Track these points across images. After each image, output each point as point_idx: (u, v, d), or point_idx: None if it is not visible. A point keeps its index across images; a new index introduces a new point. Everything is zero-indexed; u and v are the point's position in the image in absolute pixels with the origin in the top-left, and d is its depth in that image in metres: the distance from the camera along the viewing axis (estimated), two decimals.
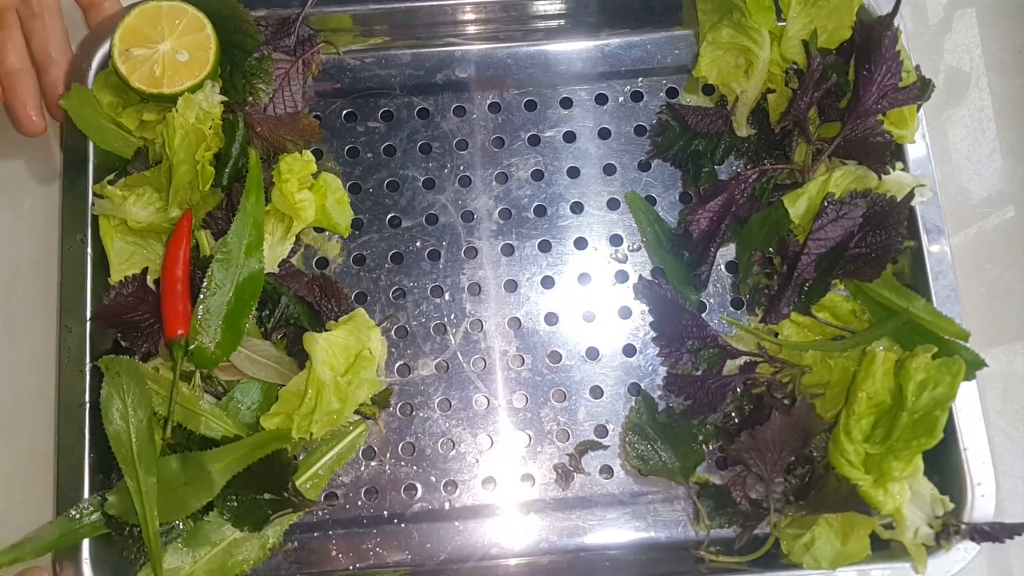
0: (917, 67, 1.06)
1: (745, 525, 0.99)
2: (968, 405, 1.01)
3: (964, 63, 1.18)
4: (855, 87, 1.03)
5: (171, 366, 0.99)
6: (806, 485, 0.98)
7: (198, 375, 1.00)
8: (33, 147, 1.16)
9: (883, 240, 0.99)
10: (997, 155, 1.16)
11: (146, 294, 1.02)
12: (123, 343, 1.02)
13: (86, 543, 0.96)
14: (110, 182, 1.05)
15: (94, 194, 1.05)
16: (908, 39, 1.08)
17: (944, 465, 1.00)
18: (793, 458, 0.98)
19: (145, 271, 1.03)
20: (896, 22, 1.03)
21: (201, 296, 0.98)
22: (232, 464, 0.94)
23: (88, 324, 1.02)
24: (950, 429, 1.00)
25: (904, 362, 0.95)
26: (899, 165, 1.06)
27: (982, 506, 0.98)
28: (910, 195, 1.00)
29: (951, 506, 0.96)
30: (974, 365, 0.97)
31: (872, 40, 1.02)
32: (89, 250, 1.05)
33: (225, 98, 1.06)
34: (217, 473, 0.94)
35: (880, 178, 1.02)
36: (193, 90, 1.05)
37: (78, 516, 0.96)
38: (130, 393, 0.96)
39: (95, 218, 1.05)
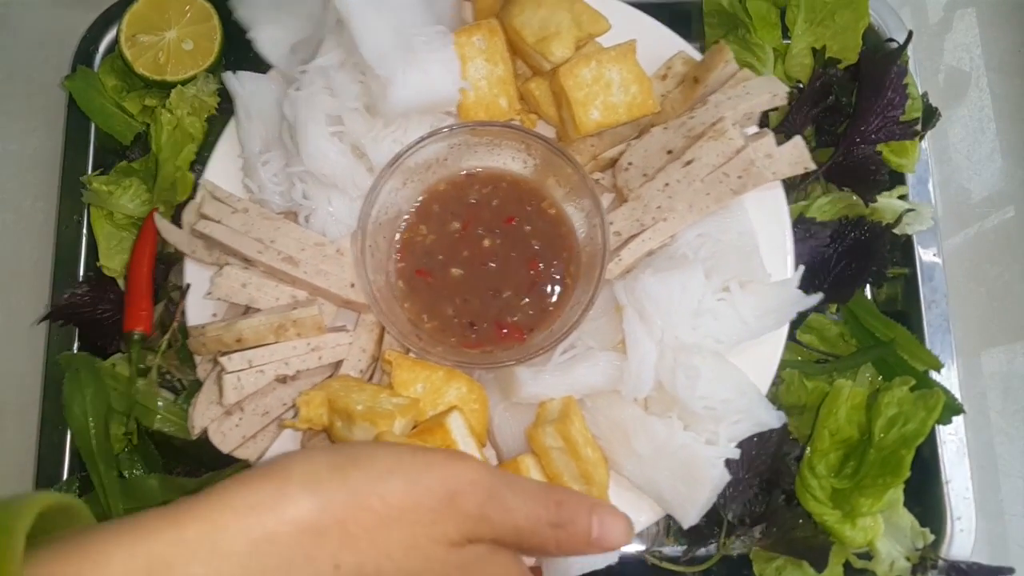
0: (924, 94, 1.06)
1: (692, 542, 0.98)
2: (952, 438, 0.99)
3: (964, 63, 1.18)
4: (854, 112, 1.03)
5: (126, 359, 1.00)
6: (763, 513, 0.96)
7: (155, 371, 1.00)
8: (34, 149, 1.17)
9: (863, 265, 0.99)
10: (997, 155, 1.16)
11: (106, 292, 1.03)
12: (96, 341, 1.03)
13: None
14: (103, 172, 1.06)
15: (85, 184, 1.06)
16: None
17: (925, 497, 0.98)
18: (758, 481, 0.96)
19: (100, 269, 1.04)
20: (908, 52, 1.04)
21: None
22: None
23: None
24: (933, 461, 0.99)
25: (877, 395, 0.94)
26: (901, 190, 1.05)
27: (961, 541, 0.97)
28: (894, 223, 1.01)
29: (931, 538, 0.95)
30: (951, 409, 0.95)
31: (878, 70, 1.02)
32: (84, 242, 1.06)
33: (219, 85, 1.07)
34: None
35: (867, 206, 1.02)
36: (194, 79, 1.06)
37: None
38: (88, 389, 0.97)
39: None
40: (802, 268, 0.91)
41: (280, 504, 0.51)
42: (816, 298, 0.89)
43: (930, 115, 1.04)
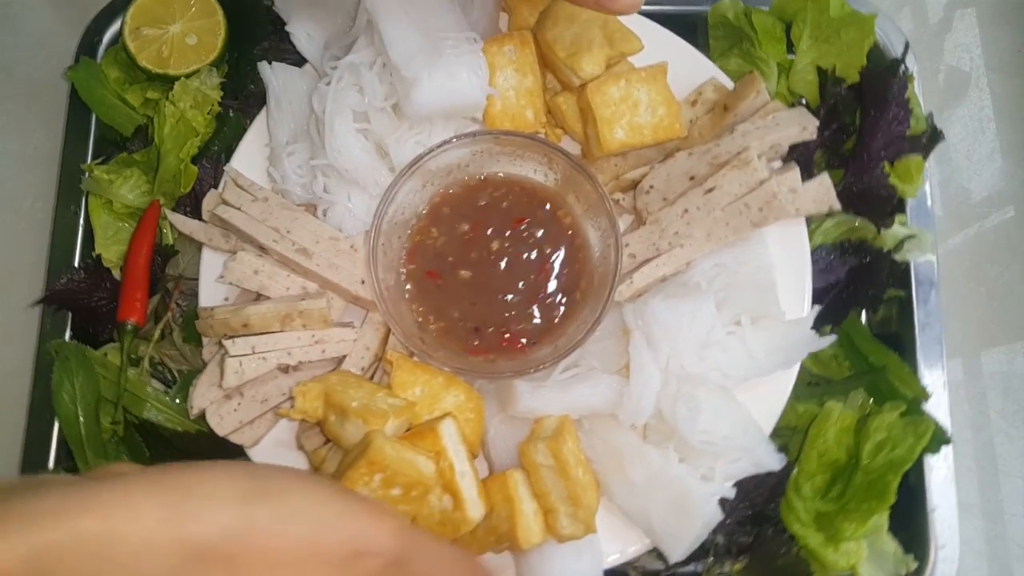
0: (929, 115, 1.05)
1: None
2: (940, 465, 0.98)
3: (964, 63, 1.18)
4: (860, 133, 1.02)
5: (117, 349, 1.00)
6: (750, 544, 0.96)
7: (146, 361, 1.00)
8: (34, 148, 1.17)
9: (860, 289, 0.99)
10: (997, 155, 1.15)
11: (103, 280, 1.03)
12: (89, 328, 1.02)
13: None
14: (103, 162, 1.06)
15: (84, 171, 1.06)
16: (909, 42, 1.08)
17: (911, 523, 0.97)
18: (751, 512, 0.95)
19: (99, 258, 1.04)
20: (909, 65, 1.03)
21: None
22: None
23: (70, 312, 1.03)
24: (920, 488, 0.98)
25: (867, 419, 0.93)
26: (901, 219, 1.03)
27: (944, 570, 0.95)
28: (895, 249, 1.00)
29: (914, 566, 0.94)
30: (940, 439, 0.94)
31: (879, 85, 1.01)
32: (80, 232, 1.07)
33: (223, 79, 1.08)
34: None
35: (879, 232, 1.01)
36: (197, 73, 1.07)
37: None
38: (78, 377, 0.97)
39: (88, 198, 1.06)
40: (817, 308, 0.91)
41: (176, 521, 0.50)
42: (829, 340, 0.88)
43: (935, 137, 1.02)
